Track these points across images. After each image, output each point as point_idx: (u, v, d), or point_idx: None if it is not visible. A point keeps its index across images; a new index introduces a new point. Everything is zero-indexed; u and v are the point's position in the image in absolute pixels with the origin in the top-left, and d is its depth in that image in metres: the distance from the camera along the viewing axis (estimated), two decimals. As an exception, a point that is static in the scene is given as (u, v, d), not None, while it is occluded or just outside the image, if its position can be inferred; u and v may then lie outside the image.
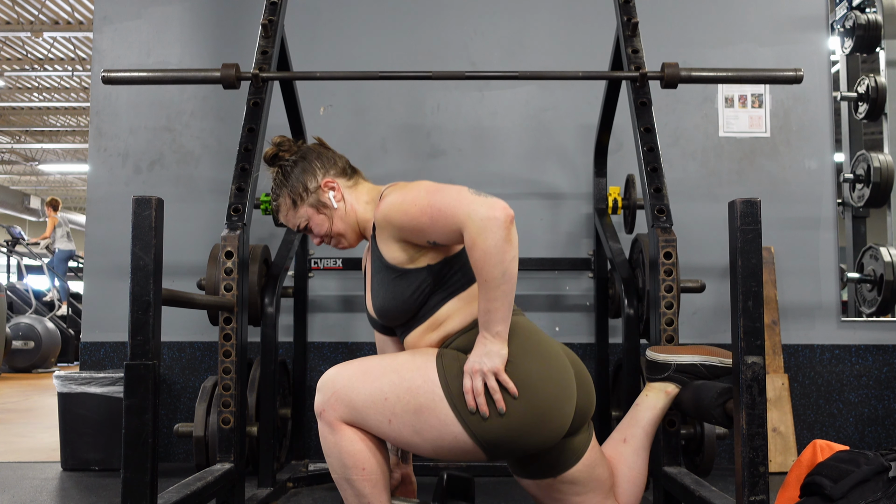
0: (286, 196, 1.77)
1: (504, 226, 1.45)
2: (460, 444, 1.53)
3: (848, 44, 3.86)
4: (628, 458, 1.84)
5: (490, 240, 1.45)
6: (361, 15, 3.35)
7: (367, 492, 1.56)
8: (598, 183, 3.07)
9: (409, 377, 1.55)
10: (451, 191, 1.53)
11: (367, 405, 1.54)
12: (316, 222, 1.76)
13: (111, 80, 2.43)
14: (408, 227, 1.57)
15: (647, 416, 1.88)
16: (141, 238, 1.51)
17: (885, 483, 1.51)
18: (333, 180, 1.76)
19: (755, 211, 1.50)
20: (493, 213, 1.45)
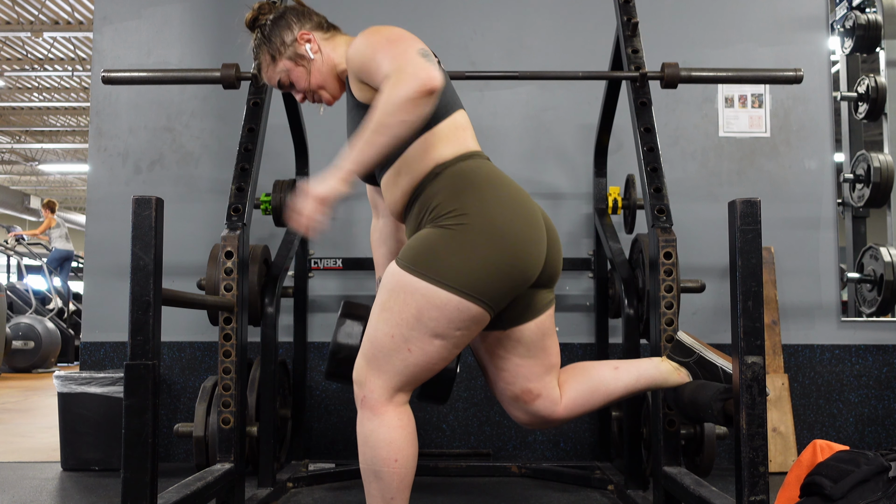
0: (265, 52, 1.81)
1: (420, 88, 1.41)
2: (461, 310, 1.52)
3: (848, 44, 3.86)
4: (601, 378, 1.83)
5: (398, 93, 1.42)
6: (361, 15, 3.35)
7: (394, 486, 1.58)
8: (598, 183, 3.07)
9: (393, 302, 1.56)
10: (403, 45, 1.51)
11: (387, 357, 1.56)
12: (295, 75, 1.79)
13: (111, 80, 2.43)
14: (363, 68, 1.59)
15: (644, 374, 1.86)
16: (141, 238, 1.51)
17: (885, 483, 1.51)
18: (309, 33, 1.79)
19: (755, 211, 1.51)
20: (416, 74, 1.42)
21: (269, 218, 3.17)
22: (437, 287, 1.52)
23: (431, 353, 1.56)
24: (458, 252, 1.52)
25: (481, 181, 1.59)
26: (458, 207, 1.55)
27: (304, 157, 3.04)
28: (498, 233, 1.54)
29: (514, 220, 1.56)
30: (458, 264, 1.51)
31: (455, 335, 1.56)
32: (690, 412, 1.84)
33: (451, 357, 1.60)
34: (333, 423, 3.20)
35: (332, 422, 3.20)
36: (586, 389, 1.82)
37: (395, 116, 1.43)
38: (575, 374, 1.84)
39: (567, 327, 3.22)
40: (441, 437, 3.17)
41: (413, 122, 1.44)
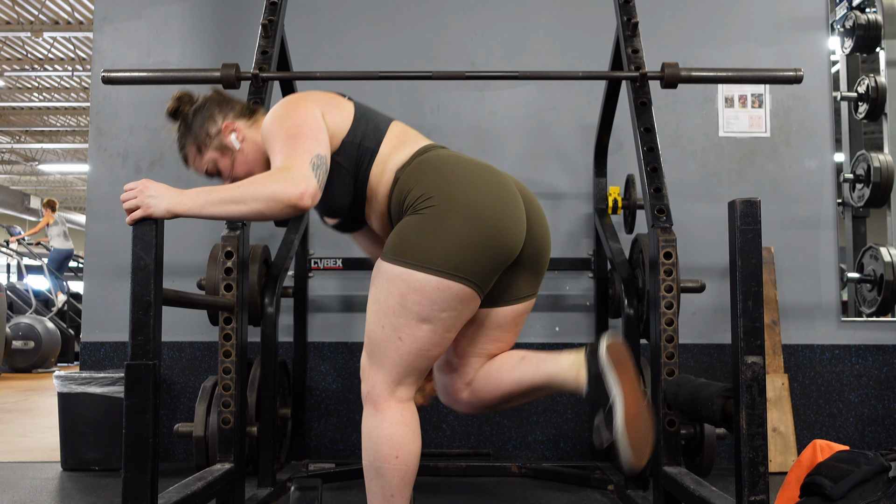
0: (191, 144, 1.83)
1: (289, 201, 1.50)
2: (441, 290, 1.54)
3: (848, 44, 3.86)
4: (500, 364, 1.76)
5: (279, 189, 1.50)
6: (361, 15, 3.36)
7: (394, 483, 1.59)
8: (598, 183, 3.07)
9: (379, 294, 1.60)
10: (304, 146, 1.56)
11: (382, 351, 1.60)
12: (223, 165, 1.81)
13: (111, 80, 2.43)
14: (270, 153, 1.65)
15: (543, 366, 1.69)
16: (141, 238, 1.51)
17: (885, 483, 1.51)
18: (233, 122, 1.81)
19: (755, 211, 1.51)
20: (298, 185, 1.50)
21: (269, 218, 3.17)
22: (413, 270, 1.54)
23: (421, 338, 1.57)
24: (431, 234, 1.55)
25: (440, 164, 1.64)
26: (424, 193, 1.58)
27: (304, 157, 3.03)
28: (467, 208, 1.56)
29: (480, 194, 1.58)
30: (431, 245, 1.54)
31: (441, 317, 1.56)
32: (690, 412, 1.84)
33: (444, 343, 1.60)
34: (333, 423, 3.20)
35: (332, 422, 3.20)
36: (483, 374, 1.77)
37: (259, 203, 1.50)
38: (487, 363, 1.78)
39: (567, 327, 3.22)
40: (441, 437, 3.17)
41: (270, 216, 1.52)
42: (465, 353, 1.77)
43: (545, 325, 3.21)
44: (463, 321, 1.62)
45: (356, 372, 3.21)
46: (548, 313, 3.21)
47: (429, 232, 1.55)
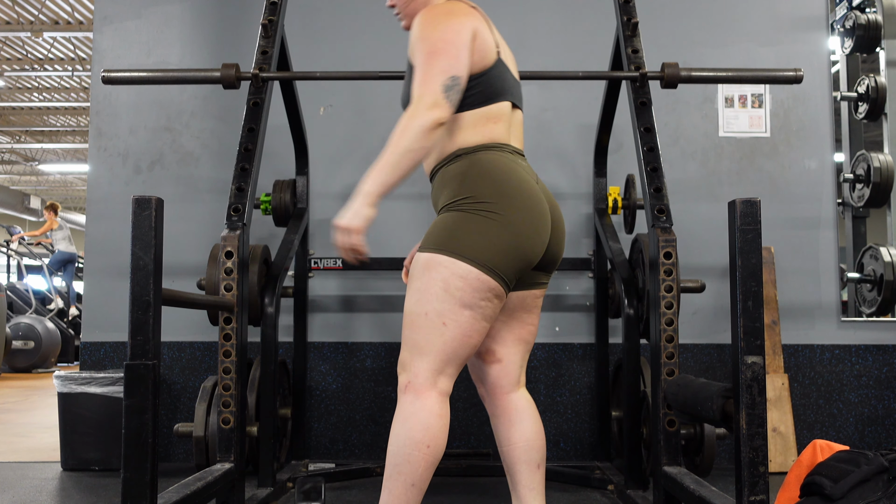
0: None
1: (432, 123, 1.60)
2: (482, 281, 1.63)
3: (848, 44, 3.86)
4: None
5: (416, 122, 1.60)
6: (361, 15, 3.35)
7: (419, 472, 1.61)
8: (598, 183, 3.07)
9: (421, 284, 1.66)
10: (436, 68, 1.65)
11: (425, 336, 1.64)
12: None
13: (111, 80, 2.43)
14: (413, 50, 1.73)
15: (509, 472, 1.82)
16: (141, 238, 1.51)
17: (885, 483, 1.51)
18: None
19: (755, 211, 1.51)
20: (432, 109, 1.61)
21: (269, 218, 3.17)
22: (458, 260, 1.63)
23: (464, 323, 1.64)
24: (475, 232, 1.64)
25: (497, 173, 1.70)
26: (476, 195, 1.67)
27: (304, 157, 3.04)
28: (508, 221, 1.66)
29: (521, 212, 1.68)
30: (475, 242, 1.63)
31: (481, 305, 1.65)
32: (690, 412, 1.84)
33: (482, 332, 1.68)
34: (333, 423, 3.20)
35: (332, 422, 3.20)
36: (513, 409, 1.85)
37: (415, 143, 1.60)
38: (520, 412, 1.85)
39: (567, 327, 3.22)
40: (441, 437, 3.17)
41: (423, 148, 1.61)
42: (504, 341, 1.83)
43: (545, 324, 3.21)
44: (496, 313, 1.70)
45: (356, 372, 3.21)
46: (548, 313, 3.21)
47: (474, 231, 1.64)
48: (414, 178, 3.29)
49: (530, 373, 3.19)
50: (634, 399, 2.45)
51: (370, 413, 3.20)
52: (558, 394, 3.19)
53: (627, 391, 2.45)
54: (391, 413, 3.18)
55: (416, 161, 1.62)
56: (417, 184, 3.28)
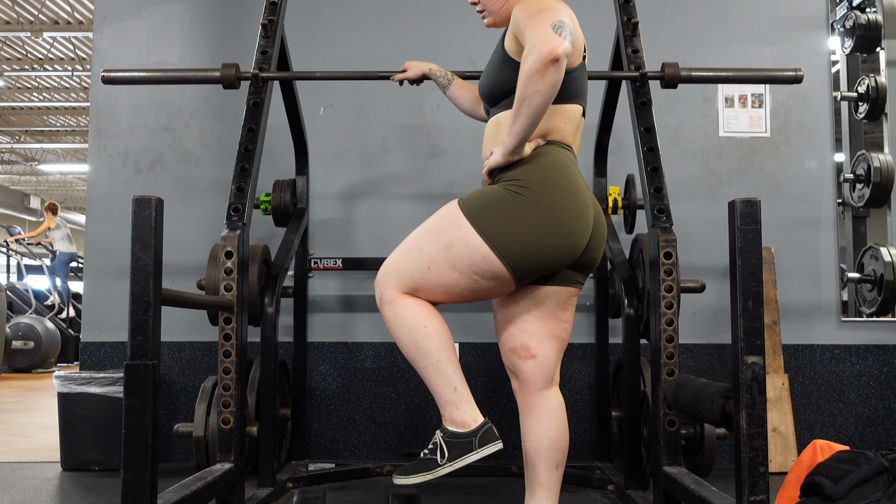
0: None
1: (544, 61, 1.60)
2: (486, 260, 1.70)
3: (848, 44, 3.86)
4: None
5: (528, 68, 1.62)
6: (361, 15, 3.35)
7: (433, 349, 1.72)
8: (598, 183, 3.07)
9: (436, 225, 1.77)
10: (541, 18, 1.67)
11: (409, 265, 1.77)
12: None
13: (111, 80, 2.43)
14: (519, 33, 1.74)
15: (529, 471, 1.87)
16: (141, 238, 1.51)
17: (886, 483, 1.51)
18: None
19: (755, 211, 1.50)
20: (544, 50, 1.61)
21: (269, 218, 3.17)
22: (475, 232, 1.70)
23: (445, 279, 1.74)
24: (507, 215, 1.70)
25: (552, 165, 1.77)
26: (525, 179, 1.73)
27: (304, 157, 3.04)
28: (548, 214, 1.71)
29: (566, 209, 1.73)
30: (500, 224, 1.70)
31: (472, 278, 1.72)
32: (690, 412, 1.84)
33: (458, 296, 1.76)
34: (333, 423, 3.20)
35: (332, 422, 3.20)
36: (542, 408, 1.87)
37: (529, 89, 1.63)
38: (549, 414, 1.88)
39: (567, 327, 3.22)
40: (441, 437, 3.17)
41: (545, 90, 1.62)
42: (539, 336, 1.86)
43: (545, 325, 3.21)
44: (488, 295, 1.77)
45: (356, 372, 3.21)
46: (548, 313, 3.21)
47: (505, 213, 1.70)
48: (413, 178, 3.29)
49: (530, 373, 3.19)
50: (634, 399, 2.45)
51: (370, 413, 3.20)
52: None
53: (627, 391, 2.45)
54: (391, 413, 3.18)
55: (540, 105, 1.64)
56: (417, 184, 3.28)
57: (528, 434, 1.84)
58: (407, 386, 3.20)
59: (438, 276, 1.74)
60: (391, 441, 3.19)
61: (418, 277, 1.75)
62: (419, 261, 1.75)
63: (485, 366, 3.20)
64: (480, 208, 1.72)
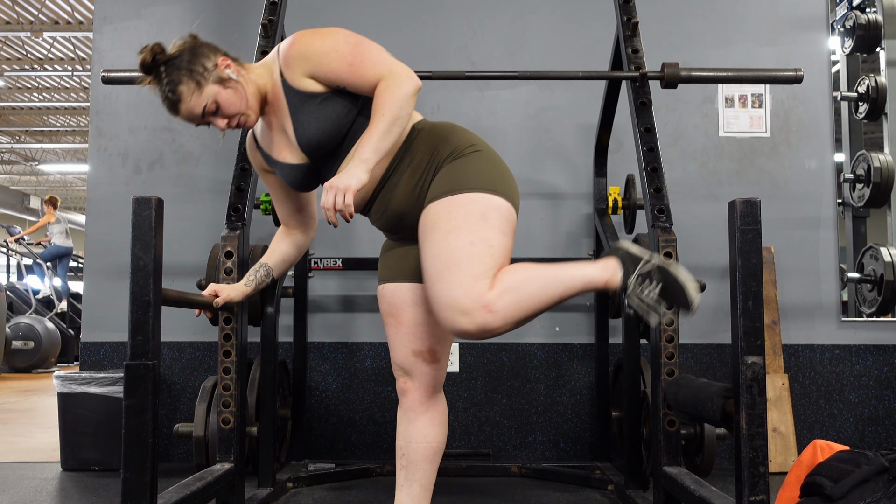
0: (188, 80, 1.73)
1: (415, 87, 1.67)
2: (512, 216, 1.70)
3: (848, 44, 3.86)
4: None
5: (402, 89, 1.65)
6: (361, 15, 3.35)
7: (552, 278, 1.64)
8: (598, 183, 3.07)
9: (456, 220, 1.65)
10: (372, 46, 1.70)
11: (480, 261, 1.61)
12: (223, 98, 1.75)
13: (111, 79, 2.43)
14: (324, 68, 1.69)
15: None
16: (141, 238, 1.51)
17: (886, 483, 1.51)
18: (226, 59, 1.78)
19: (755, 211, 1.50)
20: (410, 76, 1.68)
21: (269, 218, 3.17)
22: (489, 194, 1.67)
23: (506, 244, 1.67)
24: (488, 170, 1.71)
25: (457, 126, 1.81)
26: (470, 144, 1.74)
27: (304, 157, 3.04)
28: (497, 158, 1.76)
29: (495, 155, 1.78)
30: (493, 178, 1.70)
31: (510, 234, 1.69)
32: (690, 412, 1.84)
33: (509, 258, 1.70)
34: (333, 423, 3.20)
35: (332, 422, 3.20)
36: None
37: (403, 110, 1.65)
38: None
39: (567, 327, 3.22)
40: (441, 437, 3.17)
41: (408, 115, 1.67)
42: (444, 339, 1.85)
43: (546, 325, 3.21)
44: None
45: (356, 372, 3.21)
46: (548, 313, 3.21)
47: (487, 169, 1.70)
48: (414, 178, 3.29)
49: (531, 372, 3.19)
50: (634, 399, 2.45)
51: (370, 413, 3.20)
52: (558, 394, 3.19)
53: (627, 391, 2.45)
54: (391, 413, 3.18)
55: (402, 127, 1.66)
56: (417, 184, 3.28)
57: (421, 436, 1.80)
58: (407, 386, 3.20)
59: (501, 246, 1.65)
60: (391, 441, 3.19)
61: (491, 261, 1.61)
62: (479, 251, 1.61)
63: (485, 366, 3.20)
64: (471, 177, 1.68)
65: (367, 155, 1.63)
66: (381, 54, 1.70)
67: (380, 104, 1.64)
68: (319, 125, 1.72)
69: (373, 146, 1.63)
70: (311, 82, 1.71)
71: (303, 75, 1.71)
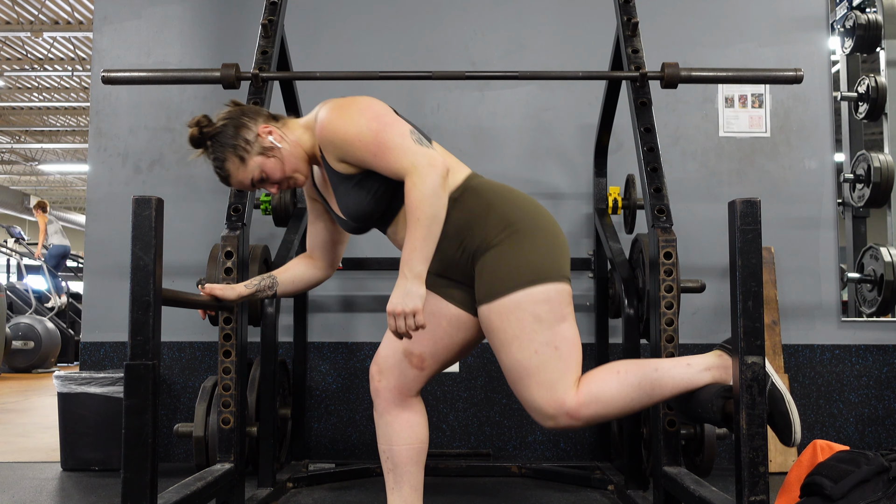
0: (232, 157, 1.78)
1: (441, 176, 1.60)
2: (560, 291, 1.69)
3: (848, 44, 3.86)
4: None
5: (428, 186, 1.59)
6: (361, 15, 3.35)
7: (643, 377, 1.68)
8: (598, 183, 3.07)
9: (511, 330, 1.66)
10: (394, 132, 1.65)
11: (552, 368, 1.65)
12: (269, 167, 1.78)
13: (111, 80, 2.43)
14: (350, 157, 1.69)
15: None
16: (141, 238, 1.51)
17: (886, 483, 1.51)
18: (267, 125, 1.80)
19: (755, 211, 1.50)
20: (433, 164, 1.61)
21: (269, 218, 3.17)
22: (535, 286, 1.65)
23: (569, 335, 1.68)
24: (528, 252, 1.67)
25: (500, 194, 1.74)
26: (501, 222, 1.69)
27: (304, 157, 3.04)
28: (544, 227, 1.71)
29: (542, 214, 1.74)
30: (533, 261, 1.66)
31: (569, 316, 1.70)
32: (690, 412, 1.84)
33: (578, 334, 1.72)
34: (333, 423, 3.20)
35: (332, 422, 3.20)
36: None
37: (435, 207, 1.60)
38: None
39: (567, 327, 3.22)
40: (441, 437, 3.17)
41: (444, 206, 1.62)
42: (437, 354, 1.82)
43: (545, 325, 3.21)
44: None
45: (356, 372, 3.21)
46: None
47: (527, 251, 1.66)
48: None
49: (530, 373, 3.19)
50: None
51: (370, 413, 3.20)
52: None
53: (627, 391, 2.45)
54: (391, 413, 3.18)
55: (442, 221, 1.62)
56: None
57: (398, 439, 1.78)
58: (407, 386, 3.20)
59: (565, 340, 1.66)
60: (391, 441, 3.19)
61: (563, 365, 1.65)
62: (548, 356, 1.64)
63: (484, 366, 3.20)
64: (510, 273, 1.65)
65: (418, 268, 1.60)
66: (404, 141, 1.64)
67: (412, 208, 1.60)
68: (359, 205, 1.75)
69: (419, 256, 1.60)
70: (344, 165, 1.72)
71: (335, 159, 1.73)
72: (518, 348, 1.64)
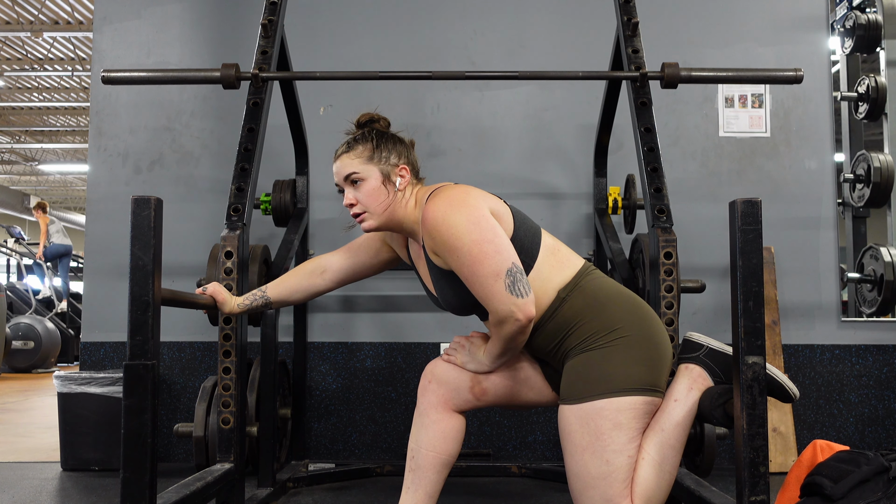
0: (368, 146, 1.79)
1: (522, 327, 1.65)
2: (647, 402, 1.67)
3: (848, 44, 3.86)
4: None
5: (508, 330, 1.66)
6: (361, 15, 3.35)
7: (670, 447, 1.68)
8: (598, 183, 3.07)
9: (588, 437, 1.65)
10: (490, 268, 1.62)
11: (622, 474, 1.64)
12: (370, 186, 1.77)
13: (111, 80, 2.42)
14: (446, 260, 1.69)
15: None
16: (140, 238, 1.51)
17: (886, 483, 1.51)
18: (407, 169, 1.81)
19: (756, 211, 1.50)
20: (518, 315, 1.62)
21: (269, 218, 3.17)
22: (624, 396, 1.64)
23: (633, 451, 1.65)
24: (625, 359, 1.67)
25: (610, 296, 1.74)
26: (607, 325, 1.70)
27: (304, 157, 3.04)
28: (646, 335, 1.70)
29: (650, 321, 1.73)
30: (630, 370, 1.66)
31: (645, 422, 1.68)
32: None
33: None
34: (333, 423, 3.20)
35: (332, 422, 3.20)
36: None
37: (514, 342, 1.69)
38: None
39: (567, 327, 3.22)
40: (441, 438, 3.17)
41: (525, 339, 1.69)
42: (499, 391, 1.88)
43: (545, 325, 3.21)
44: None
45: (356, 372, 3.21)
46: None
47: (625, 360, 1.67)
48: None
49: (530, 373, 3.19)
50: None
51: (370, 413, 3.20)
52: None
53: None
54: (391, 413, 3.18)
55: (519, 346, 1.72)
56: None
57: (429, 444, 1.78)
58: (407, 386, 3.20)
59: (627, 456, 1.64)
60: (391, 441, 3.19)
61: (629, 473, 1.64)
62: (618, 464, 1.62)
63: (485, 366, 3.20)
64: (601, 378, 1.65)
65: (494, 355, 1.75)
66: (496, 284, 1.61)
67: (494, 334, 1.71)
68: (456, 296, 1.77)
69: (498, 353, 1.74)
70: (440, 259, 1.73)
71: (432, 252, 1.74)
72: (591, 456, 1.64)
